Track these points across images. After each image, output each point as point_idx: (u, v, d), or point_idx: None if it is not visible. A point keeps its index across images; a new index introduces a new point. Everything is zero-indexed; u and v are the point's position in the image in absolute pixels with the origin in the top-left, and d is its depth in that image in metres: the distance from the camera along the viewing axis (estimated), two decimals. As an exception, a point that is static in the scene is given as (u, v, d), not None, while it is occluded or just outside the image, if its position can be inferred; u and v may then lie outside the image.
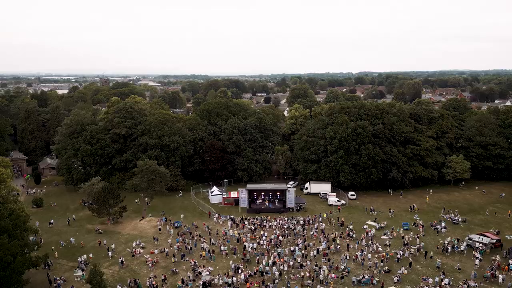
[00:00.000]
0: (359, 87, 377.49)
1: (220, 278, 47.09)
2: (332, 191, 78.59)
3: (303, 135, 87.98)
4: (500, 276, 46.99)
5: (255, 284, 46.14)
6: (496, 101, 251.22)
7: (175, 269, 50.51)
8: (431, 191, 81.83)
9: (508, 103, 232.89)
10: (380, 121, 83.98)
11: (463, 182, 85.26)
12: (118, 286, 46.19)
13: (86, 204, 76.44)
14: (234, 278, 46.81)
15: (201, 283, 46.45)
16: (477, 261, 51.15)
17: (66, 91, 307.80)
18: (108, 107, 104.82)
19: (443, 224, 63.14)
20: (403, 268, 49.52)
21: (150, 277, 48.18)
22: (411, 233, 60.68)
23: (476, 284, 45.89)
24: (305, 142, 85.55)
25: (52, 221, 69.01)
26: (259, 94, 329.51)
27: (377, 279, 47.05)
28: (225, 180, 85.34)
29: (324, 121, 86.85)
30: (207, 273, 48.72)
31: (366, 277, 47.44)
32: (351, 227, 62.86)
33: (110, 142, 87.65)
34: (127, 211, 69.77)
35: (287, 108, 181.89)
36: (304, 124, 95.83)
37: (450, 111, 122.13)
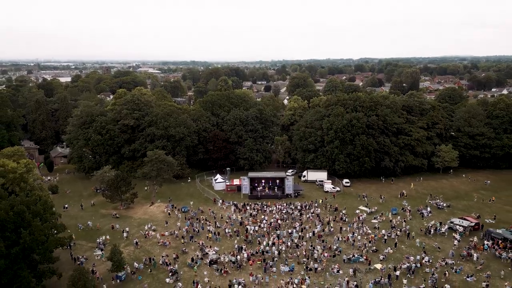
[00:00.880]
0: (359, 75, 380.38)
1: (226, 256, 52.90)
2: (328, 179, 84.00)
3: (301, 126, 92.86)
4: (475, 254, 52.68)
5: (258, 262, 51.96)
6: (493, 89, 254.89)
7: (185, 249, 56.27)
8: (421, 178, 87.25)
9: (504, 91, 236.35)
10: (374, 112, 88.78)
11: (452, 170, 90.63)
12: (135, 263, 51.99)
13: (98, 190, 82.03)
14: (238, 257, 52.50)
15: (209, 261, 52.27)
16: (456, 242, 56.85)
17: (68, 79, 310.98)
18: (115, 98, 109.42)
19: (428, 209, 68.84)
20: (389, 248, 55.28)
21: (162, 256, 54.00)
22: (399, 217, 66.34)
23: (453, 261, 51.58)
24: (303, 133, 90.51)
25: (66, 205, 74.58)
26: (259, 82, 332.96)
27: (365, 257, 52.80)
28: (227, 169, 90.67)
29: (321, 113, 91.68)
30: (214, 252, 54.52)
31: (356, 255, 53.22)
32: (344, 211, 68.44)
33: (119, 132, 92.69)
34: (137, 197, 75.40)
35: (287, 97, 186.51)
36: (303, 116, 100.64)
37: (445, 100, 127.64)
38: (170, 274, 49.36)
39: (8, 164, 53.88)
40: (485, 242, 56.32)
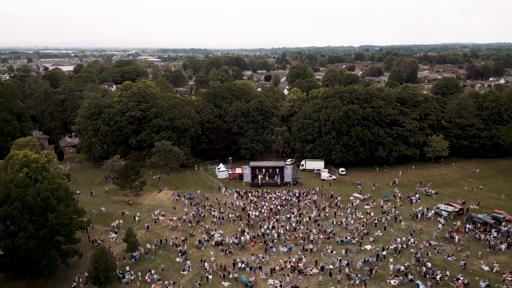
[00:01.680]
0: (359, 64, 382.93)
1: (230, 239, 58.13)
2: (325, 168, 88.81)
3: (300, 117, 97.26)
4: (457, 237, 57.90)
5: (259, 243, 57.23)
6: (490, 79, 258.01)
7: (192, 232, 61.48)
8: (413, 167, 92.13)
9: (501, 81, 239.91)
10: (369, 104, 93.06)
11: (442, 159, 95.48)
12: (147, 245, 57.24)
13: (108, 179, 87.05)
14: (242, 238, 57.76)
15: (214, 242, 57.53)
16: (440, 226, 62.03)
17: (70, 68, 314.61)
18: (121, 90, 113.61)
19: (417, 196, 73.93)
20: (379, 231, 60.48)
21: (172, 238, 59.25)
22: (389, 203, 71.47)
23: (436, 243, 56.83)
24: (301, 124, 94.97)
25: (78, 192, 79.47)
26: (259, 71, 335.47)
27: (356, 240, 58.05)
28: (230, 158, 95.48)
29: (319, 105, 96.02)
30: (219, 235, 59.73)
31: (348, 238, 58.46)
32: (339, 198, 73.48)
33: (126, 123, 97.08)
34: (146, 185, 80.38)
35: (287, 87, 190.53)
36: (301, 107, 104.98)
37: (442, 90, 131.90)
38: (180, 254, 54.62)
39: (30, 155, 58.61)
40: (467, 225, 61.49)
